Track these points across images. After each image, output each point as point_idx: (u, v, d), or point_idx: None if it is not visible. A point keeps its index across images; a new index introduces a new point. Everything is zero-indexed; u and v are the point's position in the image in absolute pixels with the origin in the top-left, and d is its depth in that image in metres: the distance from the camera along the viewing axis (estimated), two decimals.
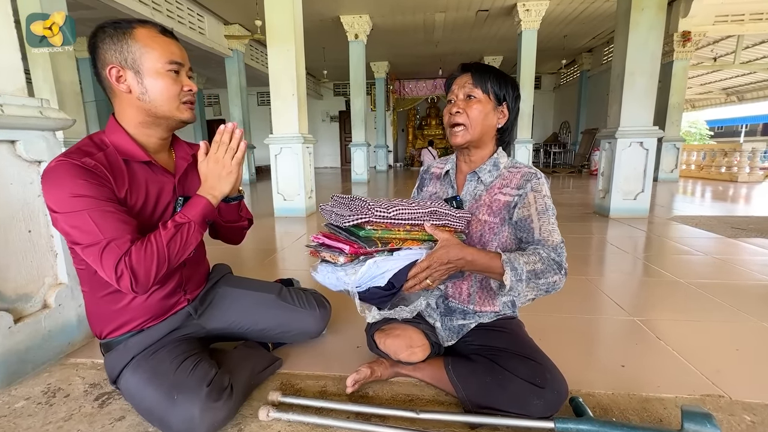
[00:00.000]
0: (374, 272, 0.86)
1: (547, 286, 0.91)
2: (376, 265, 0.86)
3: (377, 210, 0.85)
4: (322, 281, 0.95)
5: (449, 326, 1.08)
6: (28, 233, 1.19)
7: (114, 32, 0.86)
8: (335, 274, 0.90)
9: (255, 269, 2.28)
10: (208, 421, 0.84)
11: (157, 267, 0.84)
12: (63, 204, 0.81)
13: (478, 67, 1.01)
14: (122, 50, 0.86)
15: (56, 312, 1.25)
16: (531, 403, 0.85)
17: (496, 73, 1.01)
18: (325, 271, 0.93)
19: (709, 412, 0.79)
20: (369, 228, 0.86)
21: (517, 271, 0.86)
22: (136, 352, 0.96)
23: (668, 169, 7.04)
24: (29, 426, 0.95)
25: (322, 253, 0.94)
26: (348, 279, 0.87)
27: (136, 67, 0.87)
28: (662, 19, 3.39)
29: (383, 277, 0.86)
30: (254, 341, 1.22)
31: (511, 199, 0.99)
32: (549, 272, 0.90)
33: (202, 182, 0.95)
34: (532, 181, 0.98)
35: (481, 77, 0.99)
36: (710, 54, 8.76)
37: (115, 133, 0.92)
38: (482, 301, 1.06)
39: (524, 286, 0.88)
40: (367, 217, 0.85)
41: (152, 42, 0.87)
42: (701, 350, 1.28)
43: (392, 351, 1.03)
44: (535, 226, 0.96)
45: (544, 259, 0.90)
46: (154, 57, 0.87)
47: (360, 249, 0.86)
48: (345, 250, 0.87)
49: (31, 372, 1.17)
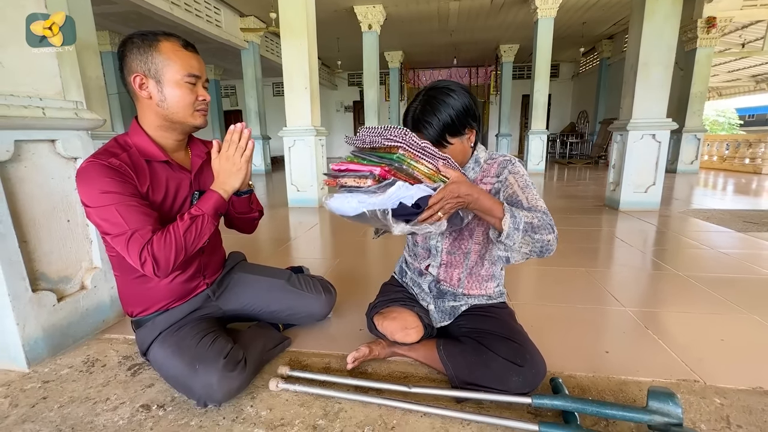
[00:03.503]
0: (403, 193, 0.88)
1: (541, 243, 0.93)
2: (405, 187, 0.89)
3: (412, 139, 0.90)
4: (338, 207, 0.96)
5: (442, 308, 1.18)
6: (67, 222, 1.33)
7: (141, 43, 0.96)
8: (356, 197, 0.92)
9: (269, 257, 2.41)
10: (225, 388, 0.97)
11: (175, 254, 0.95)
12: (94, 199, 0.92)
13: (422, 121, 1.00)
14: (146, 61, 0.96)
15: (92, 293, 1.41)
16: (511, 379, 0.95)
17: (441, 108, 0.99)
18: (342, 197, 0.95)
19: (673, 392, 0.86)
20: (401, 152, 0.90)
21: (516, 219, 0.91)
22: (162, 329, 1.09)
23: (688, 161, 6.85)
24: (74, 389, 1.10)
25: (343, 179, 0.96)
26: (374, 200, 0.89)
27: (158, 77, 0.97)
28: (678, 9, 3.31)
29: (411, 198, 0.89)
30: (266, 322, 1.34)
31: (491, 187, 1.06)
32: (544, 230, 0.93)
33: (215, 178, 1.06)
34: (508, 167, 1.05)
35: (433, 130, 1.00)
36: (738, 40, 8.39)
37: (137, 135, 1.04)
38: (470, 285, 1.16)
39: (520, 237, 0.91)
40: (403, 142, 0.89)
41: (174, 55, 0.97)
42: (687, 340, 1.34)
43: (389, 332, 1.14)
44: (522, 198, 1.01)
45: (540, 218, 0.94)
46: (174, 69, 0.97)
47: (391, 171, 0.90)
48: (375, 171, 0.90)
49: (71, 345, 1.33)
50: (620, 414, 0.87)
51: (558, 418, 0.95)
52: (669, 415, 0.84)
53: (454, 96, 1.00)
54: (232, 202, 1.16)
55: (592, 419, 0.95)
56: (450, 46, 9.92)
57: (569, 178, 6.80)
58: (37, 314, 1.21)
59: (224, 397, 0.99)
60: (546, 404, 0.92)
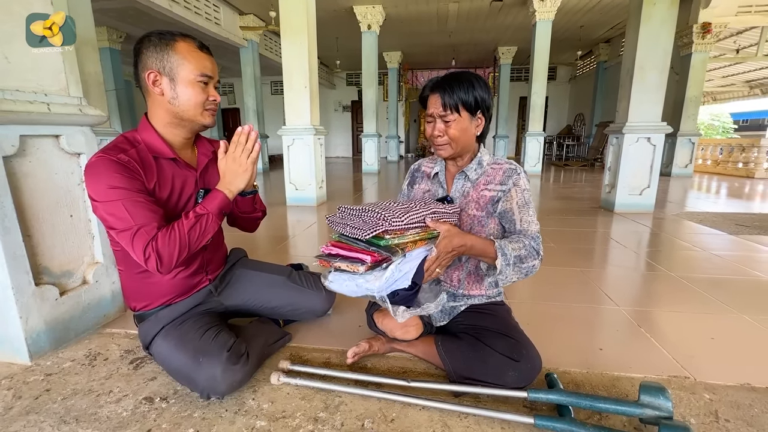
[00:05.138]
0: (397, 276, 0.91)
1: (527, 269, 1.03)
2: (398, 269, 0.91)
3: (393, 220, 0.90)
4: (339, 289, 0.98)
5: (442, 308, 1.20)
6: (70, 217, 1.34)
7: (158, 42, 0.98)
8: (353, 281, 0.94)
9: (268, 254, 2.43)
10: (228, 380, 0.99)
11: (179, 251, 0.96)
12: (101, 194, 0.94)
13: (446, 84, 1.04)
14: (162, 59, 0.98)
15: (94, 288, 1.42)
16: (507, 374, 0.98)
17: (465, 84, 1.03)
18: (340, 279, 0.98)
19: (664, 387, 0.89)
20: (387, 237, 0.90)
21: (506, 256, 0.99)
22: (165, 323, 1.11)
23: (682, 164, 6.93)
24: (77, 382, 1.12)
25: (336, 263, 0.96)
26: (371, 285, 0.91)
27: (172, 74, 0.99)
28: (674, 14, 3.36)
29: (407, 278, 0.91)
30: (267, 318, 1.36)
31: (495, 194, 1.10)
32: (530, 257, 1.03)
33: (221, 178, 1.08)
34: (513, 177, 1.09)
35: (450, 97, 1.03)
36: (733, 45, 8.49)
37: (146, 132, 1.05)
38: (470, 286, 1.18)
39: (511, 270, 1.00)
40: (384, 227, 0.90)
41: (189, 55, 0.99)
42: (678, 338, 1.37)
43: (389, 329, 1.16)
44: (517, 218, 1.08)
45: (527, 246, 1.02)
46: (189, 68, 0.99)
47: (381, 257, 0.90)
48: (366, 260, 0.90)
49: (74, 339, 1.34)
50: (613, 408, 0.90)
51: (553, 412, 0.98)
52: (660, 409, 0.86)
53: (479, 82, 1.06)
54: (236, 202, 1.18)
55: (586, 413, 0.97)
56: (449, 47, 9.97)
57: (565, 179, 6.85)
58: (40, 308, 1.22)
59: (227, 389, 1.00)
60: (541, 398, 0.95)
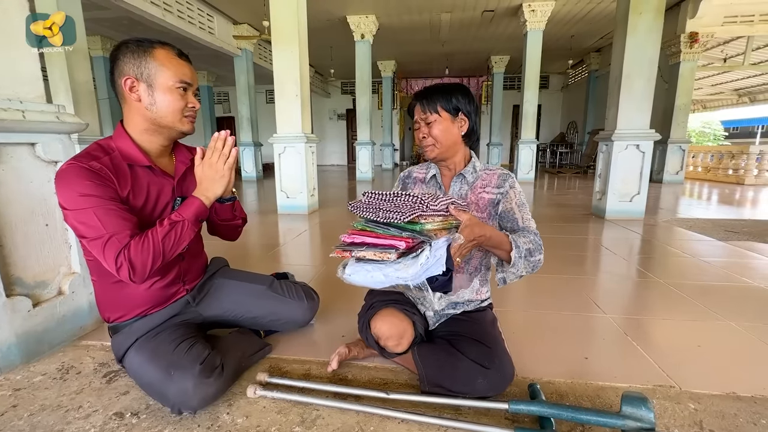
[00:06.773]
0: (431, 261, 0.86)
1: (534, 263, 1.05)
2: (433, 255, 0.86)
3: (431, 204, 0.88)
4: (361, 282, 0.91)
5: (440, 314, 1.19)
6: (45, 227, 1.32)
7: (136, 48, 0.98)
8: (380, 271, 0.88)
9: (257, 263, 2.40)
10: (201, 394, 0.96)
11: (153, 259, 0.94)
12: (72, 202, 0.92)
13: (425, 93, 1.11)
14: (140, 65, 0.97)
15: (69, 299, 1.38)
16: (476, 381, 0.97)
17: (442, 91, 1.10)
18: (362, 270, 0.90)
19: (646, 397, 0.87)
20: (423, 221, 0.88)
21: (520, 248, 1.01)
22: (139, 335, 1.08)
23: (673, 171, 7.00)
24: (46, 397, 1.08)
25: (360, 253, 0.90)
26: (403, 273, 0.85)
27: (150, 81, 0.98)
28: (660, 24, 3.41)
29: (440, 264, 0.86)
30: (247, 328, 1.33)
31: (494, 197, 1.12)
32: (537, 251, 1.05)
33: (198, 184, 1.06)
34: (509, 181, 1.13)
35: (429, 102, 1.09)
36: (720, 55, 8.65)
37: (121, 139, 1.03)
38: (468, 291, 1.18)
39: (522, 263, 1.03)
40: (420, 211, 0.87)
41: (168, 62, 0.99)
42: (665, 346, 1.36)
43: (383, 335, 1.10)
44: (518, 217, 1.11)
45: (533, 241, 1.06)
46: (167, 75, 0.98)
47: (414, 242, 0.87)
48: (400, 246, 0.85)
49: (47, 351, 1.30)
50: (594, 419, 0.88)
51: (535, 424, 0.96)
52: (641, 420, 0.84)
53: (459, 87, 1.12)
54: (215, 209, 1.16)
55: (569, 424, 0.95)
56: (442, 56, 10.07)
57: (558, 187, 6.89)
58: (11, 320, 1.19)
59: (199, 403, 0.97)
60: (522, 410, 0.93)
